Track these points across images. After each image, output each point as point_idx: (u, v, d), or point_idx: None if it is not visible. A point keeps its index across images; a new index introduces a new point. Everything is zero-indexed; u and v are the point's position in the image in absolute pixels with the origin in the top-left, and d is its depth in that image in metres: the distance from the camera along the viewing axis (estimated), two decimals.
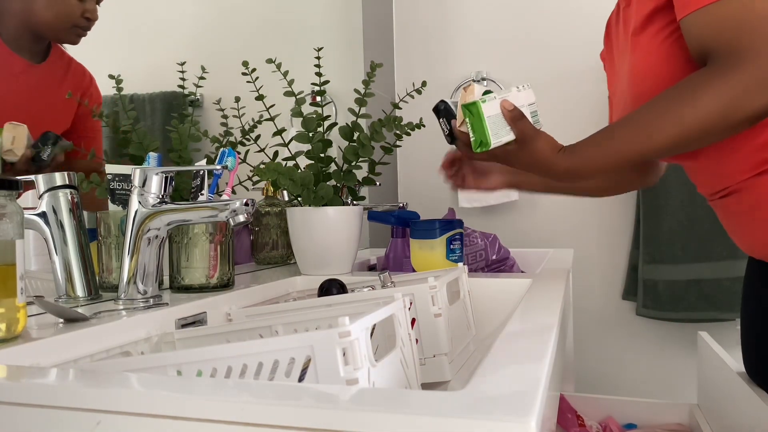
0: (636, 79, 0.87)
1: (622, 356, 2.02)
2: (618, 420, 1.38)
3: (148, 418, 0.38)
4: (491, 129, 0.81)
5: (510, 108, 0.82)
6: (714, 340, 1.28)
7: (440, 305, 0.74)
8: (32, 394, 0.42)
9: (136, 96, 1.14)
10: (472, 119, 0.81)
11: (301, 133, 1.14)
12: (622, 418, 1.39)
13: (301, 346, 0.47)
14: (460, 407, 0.35)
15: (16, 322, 0.59)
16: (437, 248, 1.07)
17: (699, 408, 1.32)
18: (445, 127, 0.89)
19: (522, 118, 0.82)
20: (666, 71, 0.82)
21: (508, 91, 0.84)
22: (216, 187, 0.93)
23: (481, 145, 0.82)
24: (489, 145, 0.81)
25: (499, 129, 0.82)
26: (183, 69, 1.11)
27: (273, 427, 0.35)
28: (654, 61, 0.84)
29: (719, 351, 1.18)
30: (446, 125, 0.89)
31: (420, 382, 0.62)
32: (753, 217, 0.83)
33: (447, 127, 0.88)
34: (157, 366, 0.50)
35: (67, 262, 0.77)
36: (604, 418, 1.38)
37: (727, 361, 1.11)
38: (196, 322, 0.79)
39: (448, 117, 0.88)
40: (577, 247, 2.02)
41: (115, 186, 0.91)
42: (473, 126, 0.81)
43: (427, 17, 2.19)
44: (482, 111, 0.80)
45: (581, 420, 1.36)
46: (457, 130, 0.86)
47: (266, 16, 1.55)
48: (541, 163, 0.84)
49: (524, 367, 0.45)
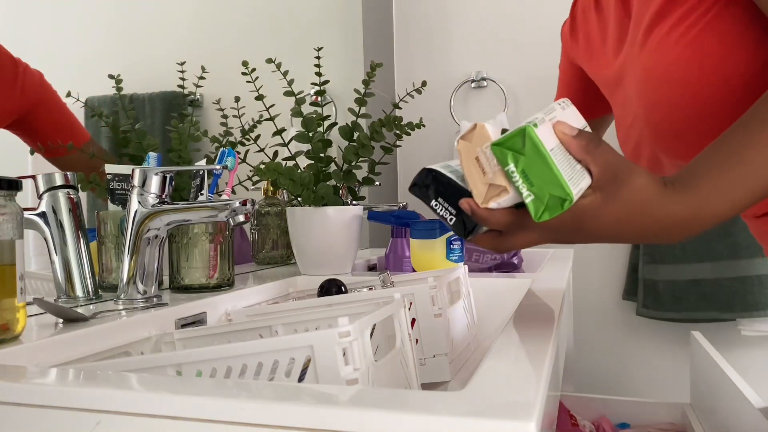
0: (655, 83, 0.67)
1: (623, 356, 2.01)
2: (611, 419, 1.38)
3: (148, 418, 0.38)
4: (562, 170, 0.49)
5: (574, 132, 0.51)
6: (706, 340, 1.28)
7: (440, 305, 0.74)
8: (32, 394, 0.42)
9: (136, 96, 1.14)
10: (524, 163, 0.48)
11: (301, 133, 1.14)
12: (615, 417, 1.39)
13: (301, 346, 0.47)
14: (459, 407, 0.35)
15: (16, 322, 0.59)
16: (437, 248, 1.07)
17: (691, 407, 1.32)
18: (447, 211, 0.56)
19: (600, 143, 0.51)
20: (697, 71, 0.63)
21: (551, 112, 0.53)
22: (216, 187, 0.93)
23: (551, 204, 0.48)
24: (571, 198, 0.48)
25: (570, 170, 0.50)
26: (183, 69, 1.11)
27: (273, 427, 0.35)
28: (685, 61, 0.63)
29: (710, 351, 1.19)
30: (447, 207, 0.56)
31: (420, 382, 0.62)
32: None
33: (450, 209, 0.56)
34: (156, 366, 0.50)
35: (67, 262, 0.77)
36: (597, 417, 1.39)
37: (717, 361, 1.11)
38: (196, 322, 0.79)
39: (444, 194, 0.56)
40: (577, 247, 2.02)
41: (115, 186, 0.91)
42: (527, 175, 0.49)
43: (427, 17, 2.19)
44: (541, 142, 0.48)
45: (574, 419, 1.37)
46: (475, 206, 0.52)
47: (266, 15, 1.55)
48: (645, 214, 0.51)
49: (524, 367, 0.45)
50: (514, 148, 0.49)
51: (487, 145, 0.50)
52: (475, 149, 0.52)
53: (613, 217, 0.51)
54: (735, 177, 0.52)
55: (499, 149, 0.50)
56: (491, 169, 0.51)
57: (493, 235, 0.56)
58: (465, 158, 0.52)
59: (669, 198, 0.51)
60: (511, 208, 0.52)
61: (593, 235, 0.53)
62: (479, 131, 0.52)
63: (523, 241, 0.55)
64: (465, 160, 0.52)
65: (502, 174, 0.50)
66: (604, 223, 0.51)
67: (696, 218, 0.52)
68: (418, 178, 0.58)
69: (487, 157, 0.51)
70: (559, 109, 0.54)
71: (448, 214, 0.56)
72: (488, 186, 0.51)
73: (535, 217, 0.49)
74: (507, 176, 0.50)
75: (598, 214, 0.51)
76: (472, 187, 0.52)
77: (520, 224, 0.53)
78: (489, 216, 0.52)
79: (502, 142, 0.49)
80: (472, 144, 0.52)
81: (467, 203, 0.52)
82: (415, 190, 0.58)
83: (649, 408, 1.38)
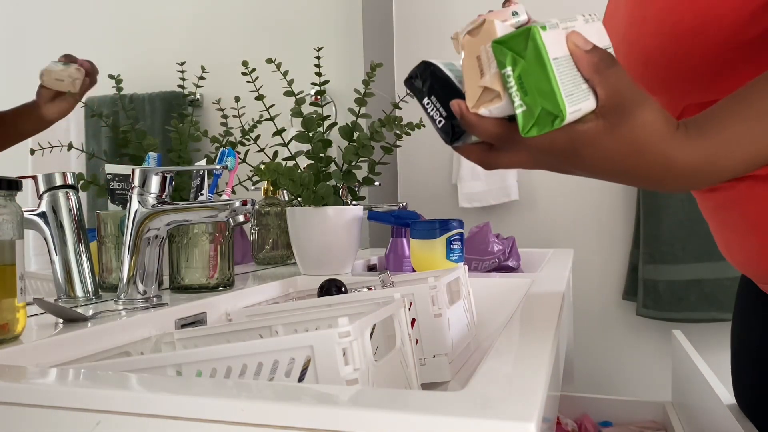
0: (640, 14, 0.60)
1: (623, 356, 2.01)
2: (593, 418, 1.38)
3: (148, 418, 0.38)
4: (562, 84, 0.43)
5: (588, 47, 0.45)
6: (686, 339, 1.29)
7: (440, 305, 0.74)
8: (32, 394, 0.42)
9: (136, 96, 1.14)
10: (522, 67, 0.43)
11: (301, 133, 1.14)
12: (597, 415, 1.39)
13: (301, 346, 0.47)
14: (459, 407, 0.35)
15: (16, 322, 0.59)
16: (437, 248, 1.07)
17: (672, 405, 1.33)
18: (438, 112, 0.51)
19: (613, 64, 0.45)
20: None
21: (571, 21, 0.47)
22: (216, 187, 0.93)
23: (542, 119, 0.43)
24: (564, 116, 0.43)
25: (572, 87, 0.44)
26: (183, 69, 1.11)
27: (273, 427, 0.35)
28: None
29: (689, 349, 1.20)
30: (438, 107, 0.51)
31: (420, 382, 0.62)
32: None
33: (441, 110, 0.51)
34: (156, 366, 0.50)
35: (67, 262, 0.77)
36: (580, 416, 1.39)
37: (694, 359, 1.14)
38: (196, 322, 0.79)
39: (439, 93, 0.51)
40: (577, 247, 2.02)
41: (115, 186, 0.91)
42: (522, 82, 0.43)
43: (427, 17, 2.19)
44: (545, 47, 0.42)
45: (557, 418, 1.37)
46: (465, 110, 0.47)
47: (266, 15, 1.55)
48: (645, 153, 0.46)
49: (524, 367, 0.45)
50: (515, 49, 0.43)
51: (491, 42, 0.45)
52: (479, 46, 0.46)
53: (610, 150, 0.46)
54: (760, 129, 0.46)
55: (499, 48, 0.44)
56: (489, 71, 0.46)
57: (482, 148, 0.52)
58: (467, 55, 0.47)
59: (679, 141, 0.46)
60: (503, 120, 0.47)
61: (587, 166, 0.48)
62: (487, 27, 0.45)
63: (512, 159, 0.50)
64: (466, 57, 0.47)
65: (498, 78, 0.45)
66: (600, 155, 0.47)
67: (707, 167, 0.46)
68: (415, 71, 0.52)
69: (489, 57, 0.45)
70: (582, 20, 0.47)
71: (438, 115, 0.51)
72: (482, 90, 0.46)
73: (522, 131, 0.44)
74: (503, 80, 0.45)
75: (595, 144, 0.46)
76: (466, 89, 0.47)
77: (511, 139, 0.48)
78: (477, 123, 0.47)
79: (504, 40, 0.44)
80: (477, 40, 0.46)
81: (457, 105, 0.48)
82: (409, 84, 0.53)
83: (632, 406, 1.39)
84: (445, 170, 2.17)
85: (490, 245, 1.28)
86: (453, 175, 2.13)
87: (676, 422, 1.23)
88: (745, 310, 0.82)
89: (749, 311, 0.80)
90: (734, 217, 0.66)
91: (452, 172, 2.14)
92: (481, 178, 2.05)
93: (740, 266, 0.73)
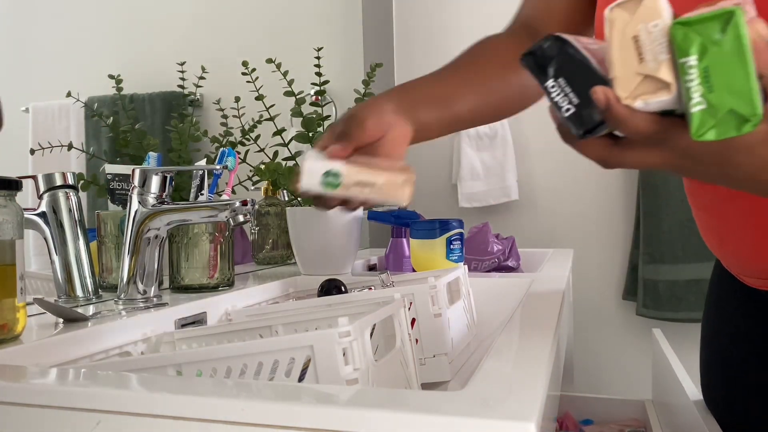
0: None
1: (623, 356, 2.01)
2: (575, 416, 1.39)
3: (148, 418, 0.38)
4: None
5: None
6: (664, 338, 1.31)
7: (440, 305, 0.74)
8: (32, 394, 0.42)
9: (136, 96, 1.14)
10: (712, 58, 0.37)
11: (301, 133, 1.14)
12: (578, 413, 1.40)
13: (301, 346, 0.47)
14: (460, 407, 0.35)
15: (16, 322, 0.59)
16: (437, 248, 1.07)
17: (652, 403, 1.34)
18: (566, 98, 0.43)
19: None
20: None
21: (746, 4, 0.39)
22: (216, 187, 0.93)
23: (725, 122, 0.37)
24: (757, 120, 0.37)
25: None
26: (183, 69, 1.11)
27: (273, 427, 0.35)
28: None
29: (666, 348, 1.22)
30: (568, 93, 0.43)
31: (420, 382, 0.62)
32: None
33: (572, 96, 0.43)
34: (157, 366, 0.50)
35: (67, 262, 0.77)
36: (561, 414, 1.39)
37: (669, 357, 1.15)
38: (196, 322, 0.79)
39: (571, 76, 0.43)
40: (577, 247, 2.02)
41: (115, 186, 0.91)
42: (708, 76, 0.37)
43: (427, 17, 2.19)
44: (747, 36, 0.36)
45: None
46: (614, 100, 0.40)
47: (266, 15, 1.55)
48: None
49: (524, 367, 0.45)
50: (706, 34, 0.36)
51: (657, 23, 0.38)
52: (636, 25, 0.39)
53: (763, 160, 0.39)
54: None
55: (683, 31, 0.37)
56: (654, 57, 0.38)
57: (606, 143, 0.44)
58: (617, 34, 0.39)
59: None
60: (656, 114, 0.40)
61: (739, 174, 0.41)
62: (649, 2, 0.38)
63: (642, 159, 0.43)
64: (617, 36, 0.39)
65: (669, 66, 0.38)
66: (759, 163, 0.40)
67: None
68: (539, 46, 0.43)
69: (653, 40, 0.38)
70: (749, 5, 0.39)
71: (566, 102, 0.43)
72: (642, 78, 0.39)
73: (695, 134, 0.37)
74: (679, 70, 0.37)
75: (754, 150, 0.39)
76: (615, 74, 0.40)
77: (658, 138, 0.41)
78: (629, 117, 0.39)
79: (690, 22, 0.37)
80: (633, 18, 0.39)
81: (603, 93, 0.40)
82: (528, 60, 0.44)
83: (613, 404, 1.40)
84: (445, 170, 2.17)
85: (489, 245, 1.28)
86: (453, 175, 2.13)
87: (654, 419, 1.25)
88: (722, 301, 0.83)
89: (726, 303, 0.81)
90: (740, 210, 0.63)
91: (452, 172, 2.14)
92: (481, 178, 2.05)
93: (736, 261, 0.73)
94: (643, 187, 1.88)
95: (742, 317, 0.77)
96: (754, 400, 0.75)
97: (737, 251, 0.70)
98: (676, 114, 0.40)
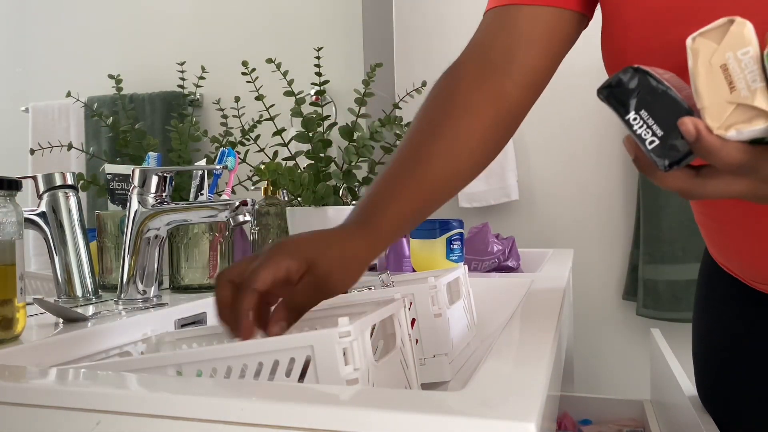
0: None
1: (623, 356, 2.01)
2: (573, 416, 1.39)
3: (148, 418, 0.38)
4: None
5: None
6: (662, 337, 1.31)
7: (440, 305, 0.74)
8: (32, 394, 0.42)
9: (136, 96, 1.14)
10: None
11: (301, 133, 1.14)
12: (577, 413, 1.40)
13: (301, 346, 0.47)
14: (459, 407, 0.35)
15: (16, 322, 0.59)
16: (437, 248, 1.07)
17: (650, 403, 1.34)
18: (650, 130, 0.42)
19: None
20: None
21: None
22: (216, 187, 0.93)
23: None
24: None
25: None
26: (183, 69, 1.11)
27: (273, 427, 0.35)
28: None
29: (664, 349, 1.23)
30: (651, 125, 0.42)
31: (420, 382, 0.62)
32: None
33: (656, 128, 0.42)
34: (157, 366, 0.50)
35: (67, 262, 0.77)
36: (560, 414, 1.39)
37: (666, 356, 1.16)
38: (196, 322, 0.79)
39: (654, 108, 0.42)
40: (577, 247, 2.02)
41: (115, 186, 0.91)
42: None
43: (426, 17, 2.19)
44: None
45: None
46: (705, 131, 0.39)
47: (266, 15, 1.55)
48: None
49: (524, 367, 0.45)
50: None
51: (747, 50, 0.38)
52: (724, 54, 0.38)
53: None
54: None
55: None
56: (747, 85, 0.38)
57: (688, 174, 0.43)
58: (703, 64, 0.39)
59: None
60: (747, 143, 0.40)
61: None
62: (737, 30, 0.38)
63: (727, 188, 0.42)
64: (703, 66, 0.39)
65: (765, 93, 0.38)
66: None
67: None
68: (618, 79, 0.42)
69: (744, 67, 0.38)
70: None
71: (650, 135, 0.42)
72: (735, 106, 0.39)
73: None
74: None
75: None
76: (705, 104, 0.39)
77: (749, 167, 0.40)
78: (720, 148, 0.39)
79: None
80: (720, 47, 0.38)
81: (693, 124, 0.39)
82: (607, 93, 0.43)
83: (611, 404, 1.40)
84: None
85: (489, 245, 1.28)
86: None
87: (652, 419, 1.25)
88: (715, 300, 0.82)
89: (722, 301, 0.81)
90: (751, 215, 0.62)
91: None
92: (481, 178, 2.05)
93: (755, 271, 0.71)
94: (643, 187, 1.88)
95: (742, 317, 0.77)
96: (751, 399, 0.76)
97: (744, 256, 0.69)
98: (765, 142, 0.40)
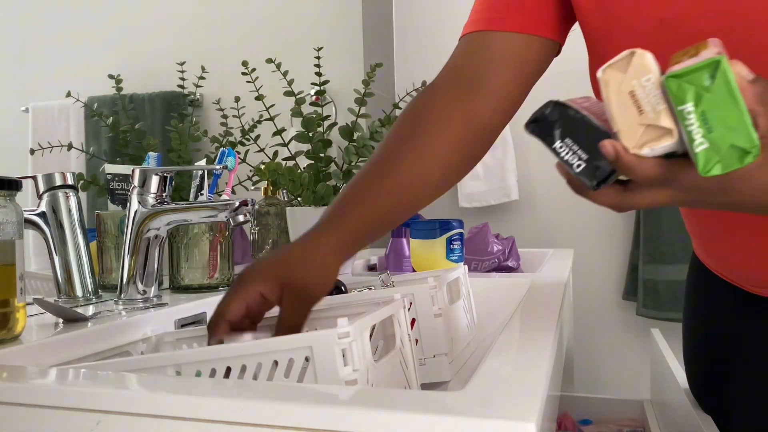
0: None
1: (623, 356, 2.01)
2: (573, 416, 1.39)
3: (148, 418, 0.38)
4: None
5: (750, 77, 0.42)
6: (662, 337, 1.31)
7: (440, 305, 0.73)
8: (32, 394, 0.42)
9: (136, 96, 1.14)
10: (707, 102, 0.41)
11: (301, 133, 1.14)
12: (577, 413, 1.40)
13: (300, 346, 0.47)
14: (459, 407, 0.35)
15: (16, 322, 0.59)
16: (437, 248, 1.07)
17: (650, 403, 1.34)
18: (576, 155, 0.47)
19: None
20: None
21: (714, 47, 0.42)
22: (216, 187, 0.93)
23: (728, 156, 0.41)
24: (757, 151, 0.41)
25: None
26: (183, 69, 1.11)
27: (273, 427, 0.35)
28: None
29: (664, 349, 1.23)
30: (576, 150, 0.47)
31: (420, 382, 0.62)
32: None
33: (581, 153, 0.47)
34: (156, 366, 0.50)
35: (67, 262, 0.77)
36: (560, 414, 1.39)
37: (665, 355, 1.16)
38: (196, 322, 0.79)
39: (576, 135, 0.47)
40: (577, 247, 2.02)
41: (115, 186, 0.91)
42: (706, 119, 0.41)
43: (426, 17, 2.19)
44: (733, 81, 0.41)
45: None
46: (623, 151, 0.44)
47: (266, 16, 1.55)
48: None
49: (524, 367, 0.45)
50: (698, 83, 0.41)
51: (649, 77, 0.42)
52: (630, 82, 0.43)
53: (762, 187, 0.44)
54: None
55: (676, 83, 0.41)
56: (652, 108, 0.43)
57: (617, 190, 0.47)
58: (614, 92, 0.44)
59: None
60: (661, 158, 0.44)
61: (739, 200, 0.46)
62: (638, 60, 0.43)
63: (652, 199, 0.47)
64: (614, 94, 0.44)
65: (668, 114, 0.42)
66: (757, 187, 0.44)
67: None
68: (541, 113, 0.48)
69: (648, 92, 0.43)
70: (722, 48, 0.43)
71: (576, 159, 0.47)
72: (644, 127, 0.43)
73: (702, 171, 0.41)
74: (678, 117, 0.42)
75: (752, 177, 0.44)
76: (619, 128, 0.44)
77: (666, 178, 0.45)
78: (637, 165, 0.43)
79: (681, 74, 0.41)
80: (626, 75, 0.43)
81: (612, 146, 0.43)
82: (533, 128, 0.48)
83: (611, 404, 1.40)
84: None
85: (489, 245, 1.28)
86: None
87: (652, 419, 1.25)
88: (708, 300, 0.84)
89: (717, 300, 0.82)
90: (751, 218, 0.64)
91: None
92: (481, 178, 2.05)
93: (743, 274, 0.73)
94: None
95: (739, 318, 0.78)
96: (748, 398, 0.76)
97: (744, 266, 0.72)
98: (678, 155, 0.44)
